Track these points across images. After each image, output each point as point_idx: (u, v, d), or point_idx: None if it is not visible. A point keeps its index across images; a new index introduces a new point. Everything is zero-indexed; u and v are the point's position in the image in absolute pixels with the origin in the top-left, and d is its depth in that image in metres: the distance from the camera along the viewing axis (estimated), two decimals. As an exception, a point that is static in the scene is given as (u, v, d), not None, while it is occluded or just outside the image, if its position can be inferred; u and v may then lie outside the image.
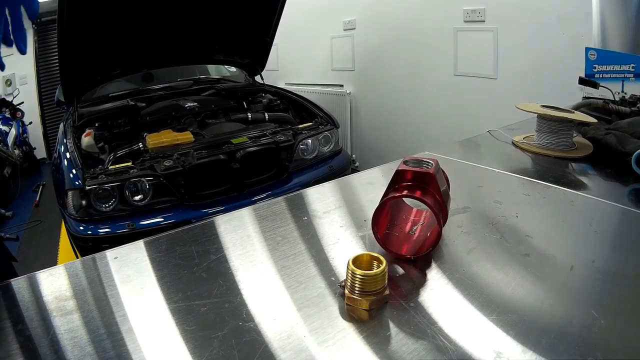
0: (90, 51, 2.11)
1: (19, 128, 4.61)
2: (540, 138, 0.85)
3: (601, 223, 0.54)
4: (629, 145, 0.74)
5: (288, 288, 0.40)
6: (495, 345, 0.32)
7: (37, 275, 0.45)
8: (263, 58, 2.81)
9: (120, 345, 0.32)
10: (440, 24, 2.56)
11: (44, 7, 4.83)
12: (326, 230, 0.52)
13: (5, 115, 4.46)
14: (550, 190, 0.65)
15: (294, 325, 0.35)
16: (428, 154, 0.79)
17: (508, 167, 0.74)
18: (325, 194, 0.65)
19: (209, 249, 0.46)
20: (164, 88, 2.73)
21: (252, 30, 2.56)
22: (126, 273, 0.42)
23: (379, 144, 3.23)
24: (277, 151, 2.03)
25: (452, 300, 0.38)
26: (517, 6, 2.16)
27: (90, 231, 1.70)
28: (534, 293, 0.39)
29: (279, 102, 2.69)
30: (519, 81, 2.23)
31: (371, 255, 0.38)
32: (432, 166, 0.47)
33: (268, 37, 2.63)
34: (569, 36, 1.96)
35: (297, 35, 3.69)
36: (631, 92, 1.04)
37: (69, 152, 1.91)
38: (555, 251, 0.46)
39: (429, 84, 2.74)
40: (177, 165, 1.81)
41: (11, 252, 0.87)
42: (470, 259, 0.45)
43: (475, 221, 0.53)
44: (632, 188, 0.67)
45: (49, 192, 3.74)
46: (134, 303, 0.37)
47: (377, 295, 0.36)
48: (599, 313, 0.35)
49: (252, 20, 2.47)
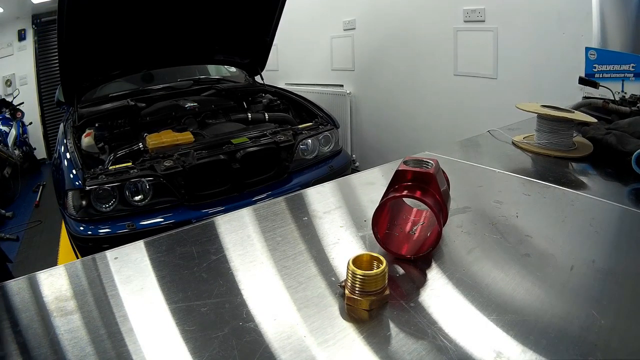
0: (90, 51, 2.11)
1: (19, 128, 4.62)
2: (540, 138, 0.85)
3: (601, 223, 0.54)
4: (629, 145, 0.74)
5: (288, 288, 0.40)
6: (496, 345, 0.32)
7: (37, 275, 0.45)
8: (263, 58, 2.81)
9: (121, 346, 0.32)
10: (440, 24, 2.56)
11: (44, 7, 4.84)
12: (326, 231, 0.52)
13: (6, 116, 4.46)
14: (551, 190, 0.65)
15: (294, 325, 0.35)
16: (428, 154, 0.79)
17: (508, 167, 0.74)
18: (326, 194, 0.65)
19: (209, 249, 0.46)
20: (164, 88, 2.73)
21: (252, 30, 2.56)
22: (126, 273, 0.42)
23: (379, 144, 3.23)
24: (277, 151, 2.03)
25: (452, 300, 0.38)
26: (517, 6, 2.16)
27: (90, 231, 1.70)
28: (534, 293, 0.39)
29: (279, 102, 2.69)
30: (519, 81, 2.23)
31: (371, 255, 0.38)
32: (432, 166, 0.47)
33: (268, 37, 2.63)
34: (569, 36, 1.96)
35: (297, 35, 3.69)
36: (631, 91, 1.04)
37: (69, 152, 1.91)
38: (556, 251, 0.46)
39: (429, 84, 2.74)
40: (177, 166, 1.81)
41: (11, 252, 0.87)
42: (470, 259, 0.45)
43: (475, 221, 0.53)
44: (632, 188, 0.67)
45: (49, 193, 3.74)
46: (134, 303, 0.37)
47: (377, 295, 0.36)
48: (599, 313, 0.35)
49: (252, 20, 2.47)
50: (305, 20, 3.58)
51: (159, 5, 2.10)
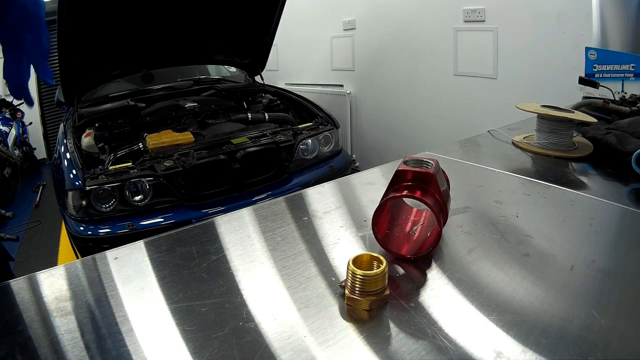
0: (90, 51, 2.11)
1: (19, 128, 4.61)
2: (540, 138, 0.85)
3: (601, 223, 0.54)
4: (629, 145, 0.74)
5: (288, 288, 0.40)
6: (496, 345, 0.32)
7: (37, 275, 0.45)
8: (263, 58, 2.81)
9: (121, 346, 0.32)
10: (440, 24, 2.56)
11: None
12: (326, 231, 0.52)
13: (6, 116, 4.46)
14: (551, 190, 0.65)
15: (294, 325, 0.35)
16: (428, 154, 0.79)
17: (508, 167, 0.74)
18: (326, 194, 0.65)
19: (209, 249, 0.46)
20: (164, 88, 2.73)
21: (252, 30, 2.56)
22: (126, 273, 0.42)
23: (379, 144, 3.23)
24: (277, 151, 2.03)
25: (452, 300, 0.38)
26: (517, 6, 2.16)
27: (90, 231, 1.70)
28: (534, 293, 0.39)
29: (279, 102, 2.69)
30: (519, 81, 2.23)
31: (371, 255, 0.38)
32: (432, 166, 0.47)
33: (268, 37, 2.63)
34: (569, 36, 1.96)
35: (297, 35, 3.69)
36: (631, 91, 1.04)
37: (69, 152, 1.91)
38: (556, 251, 0.46)
39: (429, 84, 2.74)
40: (177, 166, 1.81)
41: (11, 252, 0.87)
42: (470, 259, 0.45)
43: (475, 221, 0.53)
44: (632, 187, 0.67)
45: (49, 193, 3.75)
46: (135, 303, 0.37)
47: (377, 295, 0.36)
48: (599, 313, 0.35)
49: (252, 20, 2.47)
50: (305, 20, 3.58)
51: (159, 5, 2.10)
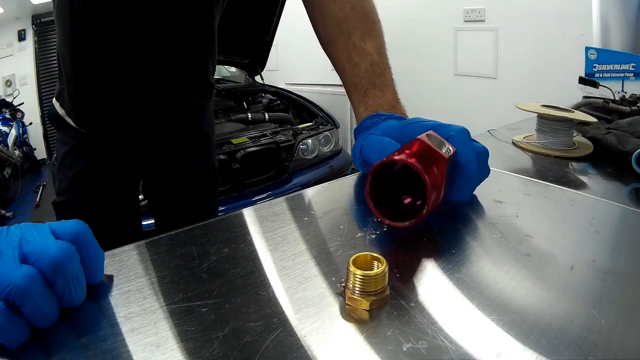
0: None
1: (19, 129, 4.61)
2: (540, 137, 0.85)
3: (602, 222, 0.54)
4: (629, 145, 0.74)
5: (288, 288, 0.40)
6: (496, 345, 0.32)
7: (37, 276, 0.45)
8: (263, 58, 2.81)
9: (121, 346, 0.32)
10: (440, 24, 2.56)
11: (44, 7, 4.83)
12: (326, 231, 0.52)
13: (6, 116, 4.45)
14: (551, 189, 0.65)
15: (295, 325, 0.35)
16: (428, 154, 0.79)
17: (508, 166, 0.74)
18: (326, 194, 0.65)
19: (209, 250, 0.46)
20: (164, 88, 2.72)
21: (252, 30, 2.56)
22: (126, 273, 0.42)
23: (379, 143, 3.23)
24: (277, 151, 2.03)
25: (452, 300, 0.38)
26: (517, 6, 2.16)
27: (90, 232, 1.70)
28: (535, 293, 0.39)
29: (279, 102, 2.69)
30: (519, 81, 2.23)
31: (371, 255, 0.38)
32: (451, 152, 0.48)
33: (268, 37, 2.63)
34: (569, 36, 1.96)
35: (297, 35, 3.68)
36: (631, 91, 1.04)
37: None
38: (556, 251, 0.46)
39: (429, 84, 2.74)
40: (177, 166, 1.80)
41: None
42: (470, 258, 0.45)
43: (475, 221, 0.53)
44: (632, 187, 0.67)
45: (49, 193, 3.74)
46: (134, 304, 0.37)
47: (377, 295, 0.36)
48: (600, 313, 0.35)
49: (252, 20, 2.47)
50: (305, 20, 3.56)
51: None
